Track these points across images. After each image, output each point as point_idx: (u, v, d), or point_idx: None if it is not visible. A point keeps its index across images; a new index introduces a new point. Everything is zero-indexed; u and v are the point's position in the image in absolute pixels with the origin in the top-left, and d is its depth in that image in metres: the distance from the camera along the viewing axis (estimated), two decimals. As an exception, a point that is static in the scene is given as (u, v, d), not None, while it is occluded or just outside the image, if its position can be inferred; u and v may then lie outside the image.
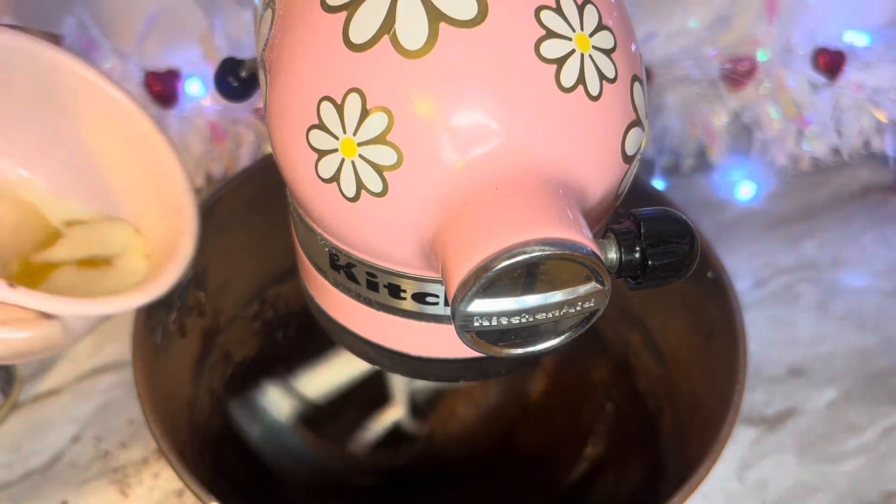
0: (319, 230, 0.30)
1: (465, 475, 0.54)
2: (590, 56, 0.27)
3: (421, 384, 0.52)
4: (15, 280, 0.31)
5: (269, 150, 0.56)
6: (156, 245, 0.40)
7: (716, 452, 0.37)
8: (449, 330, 0.29)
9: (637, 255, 0.27)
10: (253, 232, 0.49)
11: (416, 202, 0.26)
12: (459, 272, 0.25)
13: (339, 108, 0.26)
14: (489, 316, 0.25)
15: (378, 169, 0.26)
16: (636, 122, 0.29)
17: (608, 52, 0.27)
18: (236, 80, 0.40)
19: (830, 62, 0.57)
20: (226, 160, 0.58)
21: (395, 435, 0.54)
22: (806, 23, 0.57)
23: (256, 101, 0.52)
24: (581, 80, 0.26)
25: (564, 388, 0.56)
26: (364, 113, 0.26)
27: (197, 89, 0.55)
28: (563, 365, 0.56)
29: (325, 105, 0.27)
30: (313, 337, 0.54)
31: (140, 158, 0.40)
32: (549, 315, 0.26)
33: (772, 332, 0.58)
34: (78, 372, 0.54)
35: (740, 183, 0.66)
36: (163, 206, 0.40)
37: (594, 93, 0.27)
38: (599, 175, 0.28)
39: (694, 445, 0.42)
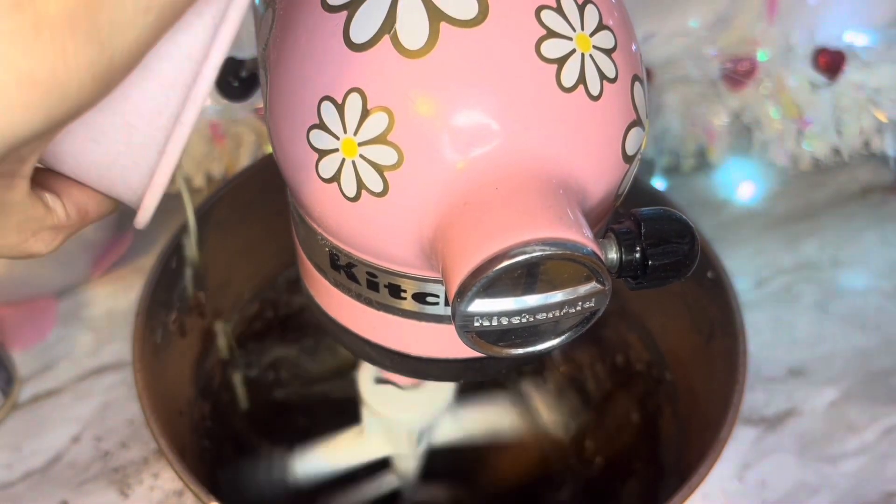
0: (320, 230, 0.30)
1: (468, 483, 0.55)
2: (590, 56, 0.27)
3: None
4: None
5: (269, 150, 0.56)
6: None
7: (716, 452, 0.37)
8: (449, 330, 0.29)
9: (637, 255, 0.27)
10: (253, 232, 0.49)
11: (416, 202, 0.26)
12: (460, 272, 0.25)
13: (340, 108, 0.26)
14: (490, 316, 0.25)
15: (379, 169, 0.26)
16: (636, 122, 0.29)
17: (609, 52, 0.27)
18: (236, 80, 0.41)
19: (830, 62, 0.57)
20: (226, 160, 0.58)
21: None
22: (806, 23, 0.57)
23: (256, 101, 0.52)
24: (581, 79, 0.26)
25: (564, 388, 0.56)
26: (365, 113, 0.26)
27: (197, 89, 0.55)
28: (562, 365, 0.56)
29: (326, 105, 0.27)
30: (313, 337, 0.55)
31: None
32: (550, 315, 0.26)
33: (772, 332, 0.58)
34: (78, 372, 0.54)
35: (740, 183, 0.66)
36: None
37: (595, 92, 0.27)
38: (600, 175, 0.28)
39: (694, 445, 0.42)
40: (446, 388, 0.43)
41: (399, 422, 0.44)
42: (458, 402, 0.46)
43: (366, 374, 0.43)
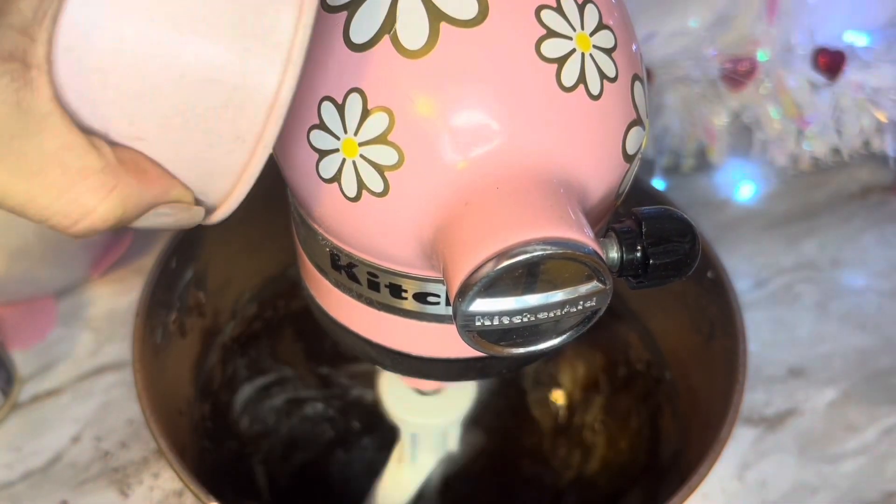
0: (320, 230, 0.30)
1: (464, 472, 0.55)
2: (590, 55, 0.27)
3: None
4: None
5: (269, 150, 0.56)
6: None
7: (716, 452, 0.37)
8: (450, 330, 0.29)
9: (638, 254, 0.27)
10: (253, 232, 0.49)
11: (417, 202, 0.26)
12: (461, 272, 0.25)
13: (340, 108, 0.26)
14: (491, 315, 0.25)
15: (379, 169, 0.26)
16: (637, 122, 0.29)
17: (609, 52, 0.27)
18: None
19: (830, 62, 0.57)
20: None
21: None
22: (806, 23, 0.56)
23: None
24: (582, 79, 0.26)
25: (563, 388, 0.56)
26: (365, 113, 0.26)
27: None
28: (562, 365, 0.56)
29: (326, 105, 0.27)
30: (314, 337, 0.55)
31: None
32: (551, 314, 0.26)
33: (772, 332, 0.58)
34: (78, 372, 0.54)
35: (740, 183, 0.66)
36: None
37: (595, 92, 0.27)
38: (600, 174, 0.28)
39: (694, 445, 0.42)
40: (468, 389, 0.43)
41: (425, 427, 0.44)
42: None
43: (386, 385, 0.43)
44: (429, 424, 0.44)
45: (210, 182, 0.25)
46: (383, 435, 0.54)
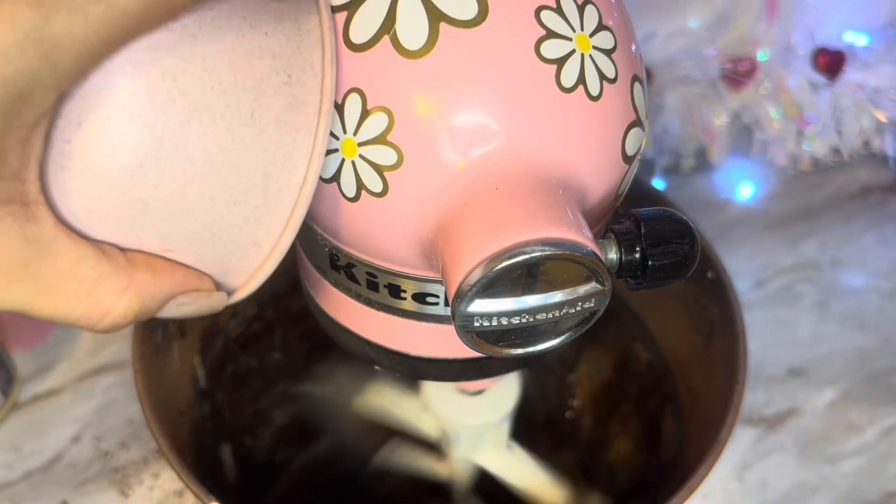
0: (319, 230, 0.30)
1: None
2: (590, 56, 0.27)
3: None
4: None
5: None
6: None
7: (716, 452, 0.37)
8: (449, 330, 0.29)
9: (637, 256, 0.27)
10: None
11: (416, 202, 0.26)
12: (460, 272, 0.25)
13: (340, 108, 0.26)
14: (489, 316, 0.25)
15: (378, 169, 0.26)
16: (636, 122, 0.29)
17: (608, 53, 0.27)
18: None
19: (830, 62, 0.57)
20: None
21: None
22: (806, 23, 0.57)
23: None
24: (581, 80, 0.26)
25: (562, 388, 0.56)
26: (364, 113, 0.26)
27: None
28: (561, 365, 0.56)
29: (326, 105, 0.27)
30: (314, 338, 0.55)
31: None
32: (550, 315, 0.26)
33: (772, 332, 0.58)
34: (78, 372, 0.54)
35: (740, 183, 0.66)
36: None
37: (594, 93, 0.27)
38: (599, 175, 0.28)
39: (694, 445, 0.42)
40: (513, 387, 0.44)
41: (466, 427, 0.44)
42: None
43: (430, 385, 0.44)
44: (475, 424, 0.44)
45: (225, 277, 0.27)
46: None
